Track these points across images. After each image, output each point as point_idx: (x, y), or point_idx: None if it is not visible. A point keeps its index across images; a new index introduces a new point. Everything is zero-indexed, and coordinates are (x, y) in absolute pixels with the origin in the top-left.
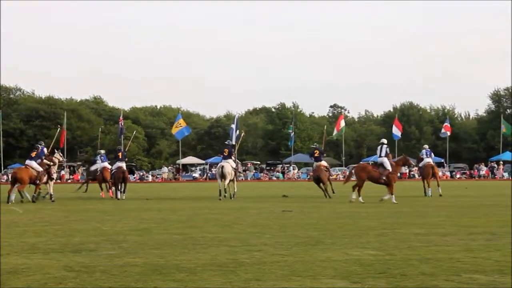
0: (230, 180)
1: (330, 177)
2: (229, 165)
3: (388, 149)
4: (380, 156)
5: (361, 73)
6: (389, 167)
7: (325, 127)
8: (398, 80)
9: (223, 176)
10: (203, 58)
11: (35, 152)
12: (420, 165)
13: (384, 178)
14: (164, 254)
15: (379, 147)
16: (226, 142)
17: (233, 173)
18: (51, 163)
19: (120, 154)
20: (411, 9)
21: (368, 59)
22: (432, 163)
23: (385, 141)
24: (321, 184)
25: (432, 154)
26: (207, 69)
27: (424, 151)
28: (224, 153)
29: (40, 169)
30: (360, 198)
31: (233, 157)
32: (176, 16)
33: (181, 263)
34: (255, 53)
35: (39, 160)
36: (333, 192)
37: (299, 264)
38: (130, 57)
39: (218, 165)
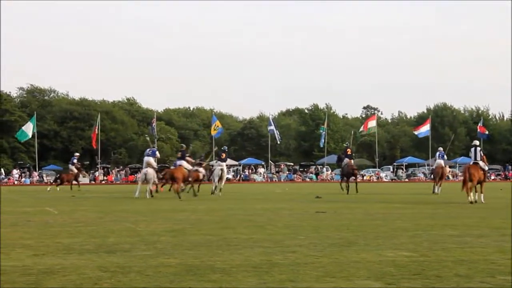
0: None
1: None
2: (225, 168)
3: (482, 151)
4: (475, 159)
5: (395, 74)
6: (486, 168)
7: (352, 132)
8: (432, 81)
9: (221, 177)
10: (235, 59)
11: (180, 153)
12: (434, 166)
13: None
14: (199, 254)
15: (472, 149)
16: (222, 148)
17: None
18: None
19: (179, 153)
20: (444, 8)
21: (402, 60)
22: (442, 165)
23: (477, 142)
24: (352, 179)
25: (445, 156)
26: (239, 70)
27: (437, 153)
28: (222, 157)
29: (190, 167)
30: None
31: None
32: (208, 16)
33: (215, 264)
34: (288, 53)
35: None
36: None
37: (333, 265)
38: (162, 58)
39: (217, 167)
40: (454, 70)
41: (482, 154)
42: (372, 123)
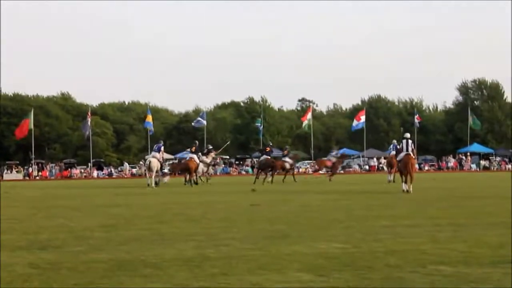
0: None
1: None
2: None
3: (413, 144)
4: (407, 151)
5: (330, 66)
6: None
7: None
8: (366, 73)
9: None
10: (170, 53)
11: (194, 147)
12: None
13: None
14: (131, 250)
15: (404, 141)
16: (196, 141)
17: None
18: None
19: (268, 148)
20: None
21: (337, 53)
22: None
23: (408, 135)
24: (271, 172)
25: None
26: (174, 64)
27: (392, 145)
28: (192, 149)
29: (198, 161)
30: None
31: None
32: (143, 10)
33: (148, 259)
34: (222, 46)
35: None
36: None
37: (266, 258)
38: (96, 52)
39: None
40: (389, 62)
41: (413, 147)
42: (309, 116)
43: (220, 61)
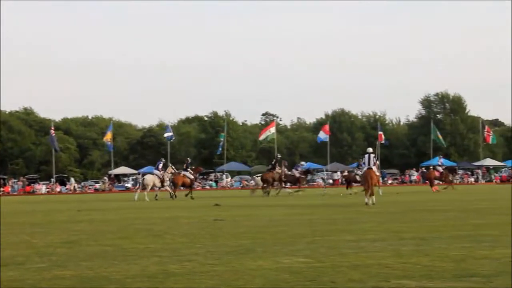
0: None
1: None
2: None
3: (375, 158)
4: (369, 165)
5: (294, 80)
6: (378, 174)
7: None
8: (330, 87)
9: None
10: (134, 67)
11: (185, 165)
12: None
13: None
14: (94, 266)
15: (366, 156)
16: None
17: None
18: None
19: (184, 165)
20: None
21: (300, 66)
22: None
23: (371, 149)
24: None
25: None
26: (137, 79)
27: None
28: (183, 166)
29: (192, 177)
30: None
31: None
32: (107, 27)
33: (111, 275)
34: (185, 61)
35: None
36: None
37: (230, 273)
38: (58, 66)
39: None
40: (353, 75)
41: (375, 161)
42: (272, 130)
43: (184, 75)
